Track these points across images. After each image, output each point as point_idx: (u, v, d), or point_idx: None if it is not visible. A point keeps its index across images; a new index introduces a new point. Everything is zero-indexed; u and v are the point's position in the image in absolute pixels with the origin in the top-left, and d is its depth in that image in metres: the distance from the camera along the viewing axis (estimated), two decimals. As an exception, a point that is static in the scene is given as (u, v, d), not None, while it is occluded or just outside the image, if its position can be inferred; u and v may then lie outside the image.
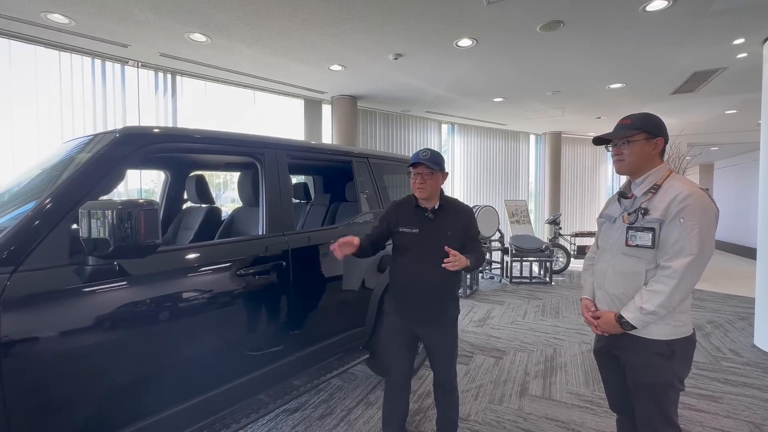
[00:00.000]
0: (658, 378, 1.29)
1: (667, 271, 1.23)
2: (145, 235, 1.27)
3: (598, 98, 5.59)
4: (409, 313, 1.74)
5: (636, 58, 4.00)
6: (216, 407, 1.62)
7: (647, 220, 1.29)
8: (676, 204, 1.23)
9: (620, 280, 1.36)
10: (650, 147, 1.34)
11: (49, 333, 1.19)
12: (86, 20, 3.12)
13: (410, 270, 1.72)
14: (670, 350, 1.28)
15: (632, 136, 1.34)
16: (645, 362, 1.31)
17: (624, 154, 1.37)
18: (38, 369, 1.16)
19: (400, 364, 1.79)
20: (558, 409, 2.37)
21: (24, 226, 1.22)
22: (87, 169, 1.39)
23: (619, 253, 1.37)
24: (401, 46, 3.66)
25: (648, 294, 1.26)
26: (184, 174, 2.87)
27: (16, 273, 1.16)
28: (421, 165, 1.67)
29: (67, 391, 1.22)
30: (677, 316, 1.28)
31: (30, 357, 1.15)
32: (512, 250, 5.90)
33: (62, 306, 1.22)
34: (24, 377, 1.14)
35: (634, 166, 1.37)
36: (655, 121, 1.35)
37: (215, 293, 1.61)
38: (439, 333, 1.75)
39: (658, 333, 1.29)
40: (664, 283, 1.23)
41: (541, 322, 4.05)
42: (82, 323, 1.25)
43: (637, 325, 1.28)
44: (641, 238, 1.29)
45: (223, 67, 4.21)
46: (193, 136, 1.74)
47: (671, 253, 1.24)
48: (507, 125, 7.89)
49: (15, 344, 1.12)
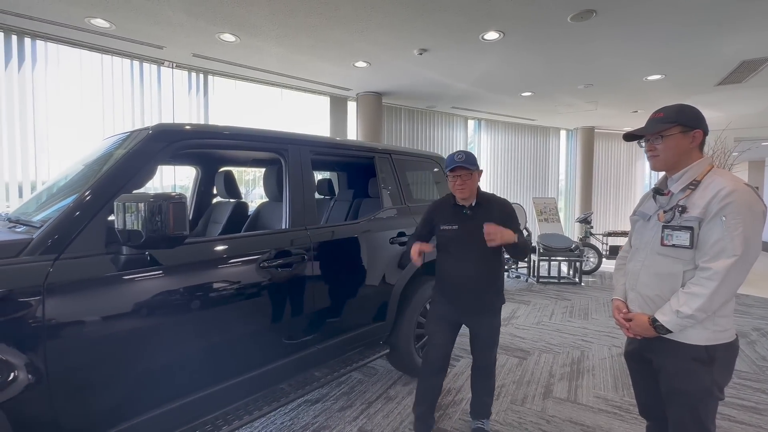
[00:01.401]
0: (694, 385, 1.22)
1: (706, 273, 1.16)
2: (173, 226, 1.33)
3: (635, 91, 5.32)
4: (455, 302, 1.89)
5: (676, 47, 3.76)
6: (236, 396, 1.68)
7: (685, 219, 1.20)
8: (718, 201, 1.15)
9: (655, 281, 1.29)
10: (687, 141, 1.25)
11: (87, 317, 1.27)
12: (125, 23, 3.28)
13: (454, 266, 1.86)
14: (710, 356, 1.20)
15: (666, 130, 1.26)
16: (681, 368, 1.24)
17: (658, 149, 1.29)
18: (77, 350, 1.25)
19: (440, 347, 1.93)
20: (583, 413, 2.29)
21: (65, 218, 1.31)
22: (122, 164, 1.47)
23: (654, 253, 1.30)
24: (426, 41, 3.63)
25: (685, 296, 1.18)
26: (213, 170, 2.98)
27: (59, 260, 1.25)
28: (459, 168, 1.78)
29: (104, 371, 1.30)
30: (718, 320, 1.20)
31: (70, 338, 1.23)
32: (540, 249, 5.74)
33: (98, 292, 1.30)
34: (65, 357, 1.22)
35: (670, 161, 1.28)
36: (691, 113, 1.26)
37: (238, 285, 1.66)
38: (484, 321, 1.90)
39: (696, 338, 1.21)
40: (703, 285, 1.16)
41: (568, 324, 3.92)
42: (116, 309, 1.33)
43: (672, 329, 1.22)
44: (678, 237, 1.21)
45: (252, 66, 4.32)
46: (221, 133, 1.81)
47: (711, 253, 1.15)
48: (536, 120, 7.65)
49: (58, 326, 1.21)
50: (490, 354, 1.95)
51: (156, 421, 1.43)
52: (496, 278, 1.89)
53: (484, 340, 1.93)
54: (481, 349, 1.95)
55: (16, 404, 1.13)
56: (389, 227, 2.45)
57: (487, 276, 1.85)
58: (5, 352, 1.12)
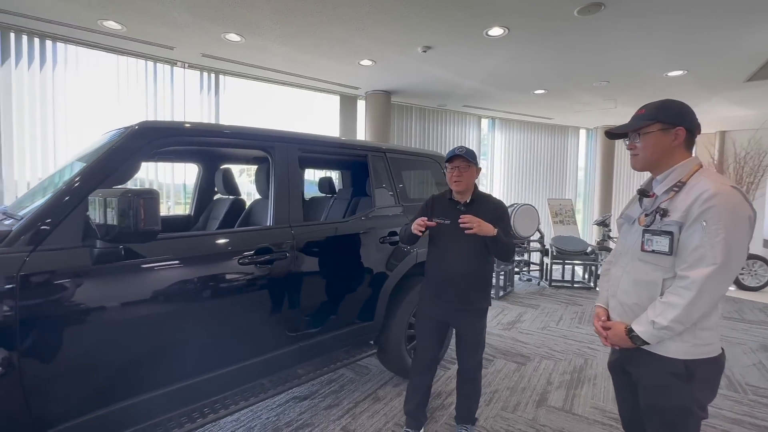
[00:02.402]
0: (672, 401, 1.14)
1: (684, 282, 1.08)
2: (145, 221, 1.35)
3: (655, 88, 5.06)
4: (441, 300, 1.88)
5: (697, 41, 3.55)
6: (212, 390, 1.70)
7: (665, 223, 1.13)
8: (699, 204, 1.07)
9: (633, 288, 1.22)
10: (668, 139, 1.17)
11: (60, 307, 1.31)
12: (135, 25, 3.39)
13: (442, 260, 1.86)
14: (688, 372, 1.12)
15: (645, 127, 1.19)
16: (657, 382, 1.17)
17: (638, 148, 1.22)
18: (49, 338, 1.29)
19: (425, 349, 1.96)
20: (577, 424, 2.19)
21: (44, 211, 1.35)
22: (104, 160, 1.51)
23: (635, 259, 1.23)
24: (429, 38, 3.57)
25: (661, 306, 1.11)
26: (214, 168, 3.04)
27: (35, 252, 1.29)
28: (458, 158, 1.80)
29: (75, 358, 1.34)
30: (699, 333, 1.12)
31: (42, 326, 1.27)
32: (553, 251, 5.56)
33: (72, 283, 1.34)
34: (37, 344, 1.27)
35: (650, 161, 1.22)
36: (674, 109, 1.17)
37: (214, 280, 1.68)
38: (467, 321, 1.88)
39: (674, 351, 1.13)
40: (680, 295, 1.08)
41: (576, 330, 3.78)
42: (88, 300, 1.36)
43: (648, 340, 1.14)
44: (658, 242, 1.14)
45: (259, 65, 4.39)
46: (206, 130, 1.83)
47: (690, 261, 1.08)
48: (553, 119, 7.43)
49: (30, 314, 1.25)
50: (474, 356, 1.92)
51: (131, 411, 1.46)
52: (483, 278, 1.88)
53: (467, 341, 1.91)
54: (465, 350, 1.92)
55: (-13, 389, 1.18)
56: (380, 226, 2.43)
57: (474, 274, 1.84)
58: (-23, 339, 1.17)
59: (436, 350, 1.98)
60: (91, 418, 1.38)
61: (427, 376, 1.98)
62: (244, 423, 2.15)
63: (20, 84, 3.55)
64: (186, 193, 4.41)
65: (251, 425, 2.13)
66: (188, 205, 3.24)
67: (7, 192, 3.50)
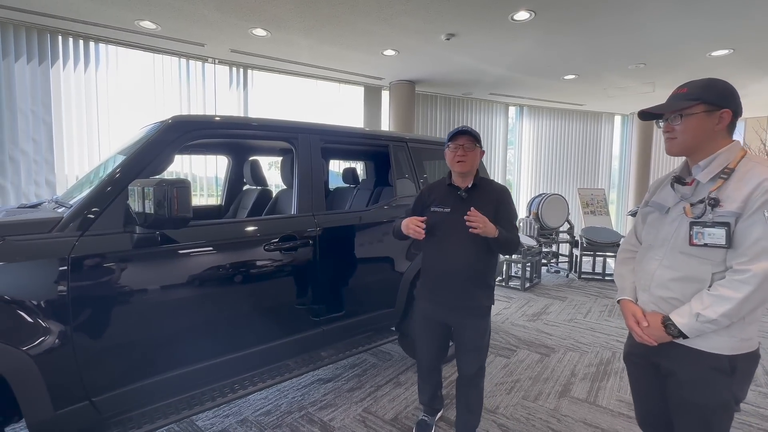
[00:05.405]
0: (711, 398, 1.09)
1: (743, 275, 1.00)
2: (178, 209, 1.45)
3: (698, 69, 4.74)
4: (438, 297, 1.72)
5: (745, 15, 3.29)
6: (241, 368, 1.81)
7: (719, 213, 1.04)
8: (761, 193, 0.99)
9: (676, 284, 1.13)
10: (712, 122, 1.07)
11: (105, 286, 1.44)
12: (169, 24, 3.56)
13: (440, 253, 1.69)
14: (732, 366, 1.06)
15: (687, 108, 1.08)
16: (697, 378, 1.10)
17: (676, 131, 1.11)
18: (96, 315, 1.43)
19: (425, 352, 1.85)
20: (600, 416, 2.16)
21: (90, 200, 1.49)
22: (141, 153, 1.63)
23: (676, 252, 1.13)
24: (452, 26, 3.52)
25: (711, 299, 1.04)
26: (243, 159, 3.17)
27: (84, 236, 1.43)
28: (463, 136, 1.64)
29: (120, 333, 1.48)
30: (746, 327, 1.06)
31: (90, 303, 1.41)
32: (583, 242, 5.39)
33: (115, 264, 1.47)
34: (86, 320, 1.40)
35: (690, 146, 1.11)
36: (720, 89, 1.08)
37: (241, 265, 1.78)
38: (468, 322, 1.70)
39: (720, 346, 1.07)
40: (735, 288, 1.00)
41: (604, 323, 3.67)
42: (129, 281, 1.49)
43: (689, 333, 1.07)
44: (711, 235, 1.05)
45: (286, 58, 4.48)
46: (232, 123, 1.92)
47: (750, 254, 1.00)
48: (585, 105, 7.12)
49: (81, 293, 1.39)
50: (475, 361, 1.71)
51: (168, 384, 1.60)
52: (486, 273, 1.70)
53: (467, 344, 1.71)
54: (465, 353, 1.72)
55: (46, 359, 1.33)
56: (401, 215, 2.45)
57: (476, 269, 1.65)
58: (36, 315, 1.31)
59: (438, 356, 1.85)
60: (133, 388, 1.52)
61: (433, 376, 1.90)
62: (272, 401, 2.27)
63: (68, 84, 3.82)
64: (218, 185, 4.61)
65: (278, 403, 2.25)
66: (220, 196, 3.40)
67: (58, 184, 3.80)
